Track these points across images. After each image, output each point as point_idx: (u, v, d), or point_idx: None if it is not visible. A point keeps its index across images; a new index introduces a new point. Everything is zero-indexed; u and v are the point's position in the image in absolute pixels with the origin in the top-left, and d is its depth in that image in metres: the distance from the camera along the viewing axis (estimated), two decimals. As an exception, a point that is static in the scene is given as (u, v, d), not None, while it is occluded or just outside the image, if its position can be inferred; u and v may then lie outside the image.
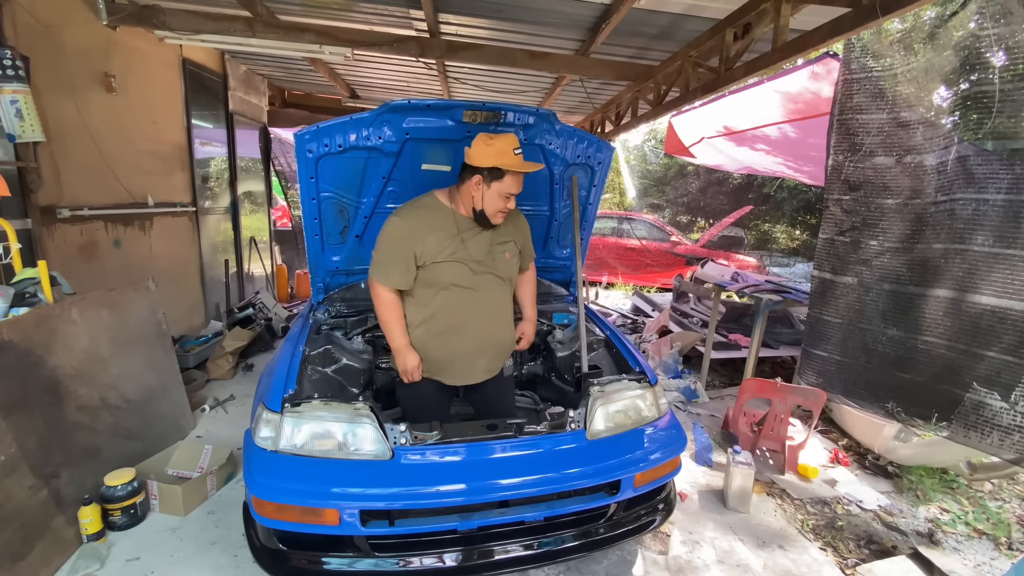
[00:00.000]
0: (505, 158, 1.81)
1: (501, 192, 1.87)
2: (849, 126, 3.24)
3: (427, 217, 1.92)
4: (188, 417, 3.09)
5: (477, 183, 1.87)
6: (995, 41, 2.53)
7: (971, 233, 2.78)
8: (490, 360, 2.09)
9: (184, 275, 4.29)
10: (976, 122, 2.71)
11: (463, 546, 1.80)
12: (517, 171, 1.86)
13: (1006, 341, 2.63)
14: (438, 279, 1.92)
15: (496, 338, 2.09)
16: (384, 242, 1.91)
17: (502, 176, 1.85)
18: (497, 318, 2.08)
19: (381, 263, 1.91)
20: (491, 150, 1.82)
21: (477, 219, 1.93)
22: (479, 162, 1.84)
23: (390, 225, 1.91)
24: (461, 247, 1.92)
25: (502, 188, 1.86)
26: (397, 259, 1.88)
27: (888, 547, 2.37)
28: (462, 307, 1.96)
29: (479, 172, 1.86)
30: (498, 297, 2.06)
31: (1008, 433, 2.53)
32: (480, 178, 1.86)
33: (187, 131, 4.20)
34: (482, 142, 1.84)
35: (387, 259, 1.89)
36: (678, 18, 3.18)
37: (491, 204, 1.89)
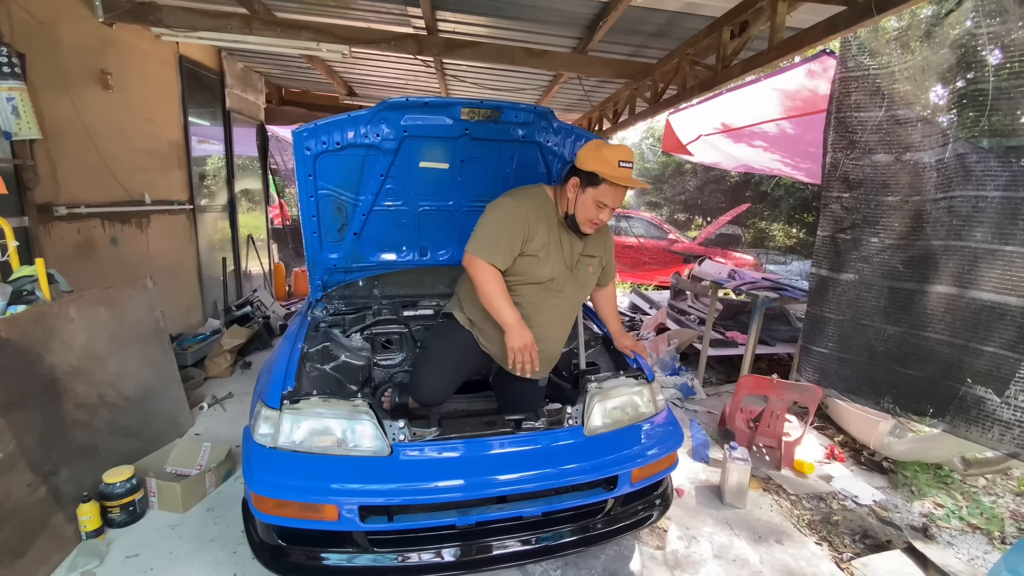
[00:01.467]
0: (607, 167, 1.76)
1: (596, 200, 1.82)
2: (847, 123, 3.25)
3: (539, 207, 1.90)
4: (186, 415, 3.09)
5: (574, 185, 1.84)
6: (990, 39, 2.54)
7: (969, 230, 2.79)
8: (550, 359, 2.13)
9: (181, 273, 4.29)
10: (972, 120, 2.72)
11: (461, 541, 1.81)
12: (616, 183, 1.78)
13: (1005, 336, 2.65)
14: (529, 271, 1.90)
15: (554, 345, 2.10)
16: (494, 219, 1.86)
17: (599, 184, 1.79)
18: (563, 326, 2.09)
19: (488, 239, 1.84)
20: (596, 155, 1.78)
21: (568, 223, 1.92)
22: (581, 164, 1.81)
23: (503, 205, 1.88)
24: (557, 247, 1.92)
25: (597, 196, 1.81)
26: (506, 238, 1.83)
27: (883, 541, 2.39)
28: (538, 304, 1.96)
29: (578, 174, 1.83)
30: (571, 306, 2.07)
31: (1008, 427, 2.55)
32: (578, 180, 1.83)
33: (184, 129, 4.19)
34: (592, 147, 1.82)
35: (495, 236, 1.84)
36: (676, 16, 3.18)
37: (583, 211, 1.85)
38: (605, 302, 2.30)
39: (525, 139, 2.41)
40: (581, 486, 1.87)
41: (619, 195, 1.83)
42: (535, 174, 2.57)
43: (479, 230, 1.87)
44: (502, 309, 1.84)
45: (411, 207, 2.62)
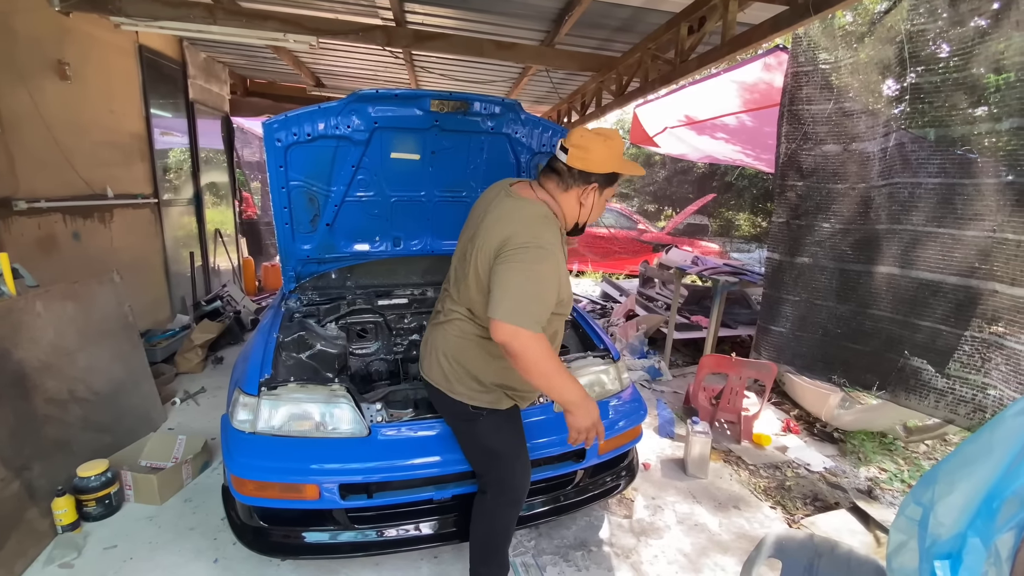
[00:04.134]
0: (624, 163, 1.56)
1: (610, 195, 1.63)
2: (799, 116, 3.43)
3: (560, 235, 1.57)
4: (159, 410, 3.07)
5: (591, 191, 1.54)
6: (924, 37, 2.74)
7: (908, 214, 3.01)
8: None
9: (147, 268, 4.20)
10: (909, 112, 2.93)
11: (438, 515, 1.89)
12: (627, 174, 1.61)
13: (939, 312, 2.88)
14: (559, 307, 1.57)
15: None
16: (535, 282, 1.41)
17: (615, 181, 1.59)
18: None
19: (533, 308, 1.38)
20: (611, 152, 1.51)
21: (571, 231, 1.65)
22: (600, 167, 1.51)
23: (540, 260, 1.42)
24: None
25: (610, 193, 1.61)
26: (550, 298, 1.45)
27: (831, 504, 2.59)
28: (558, 331, 1.72)
29: (595, 179, 1.53)
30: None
31: (942, 395, 2.78)
32: (597, 185, 1.54)
33: (146, 120, 4.09)
34: (599, 142, 1.49)
35: (541, 302, 1.41)
36: (638, 11, 3.29)
37: (597, 213, 1.62)
38: None
39: (494, 131, 2.48)
40: (552, 458, 1.97)
41: None
42: (505, 165, 2.65)
43: (518, 297, 1.37)
44: (566, 382, 1.44)
45: (383, 198, 2.67)
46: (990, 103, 2.62)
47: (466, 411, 1.64)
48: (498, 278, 1.41)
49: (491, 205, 1.58)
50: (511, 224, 1.48)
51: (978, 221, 2.66)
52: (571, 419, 1.48)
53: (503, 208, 1.54)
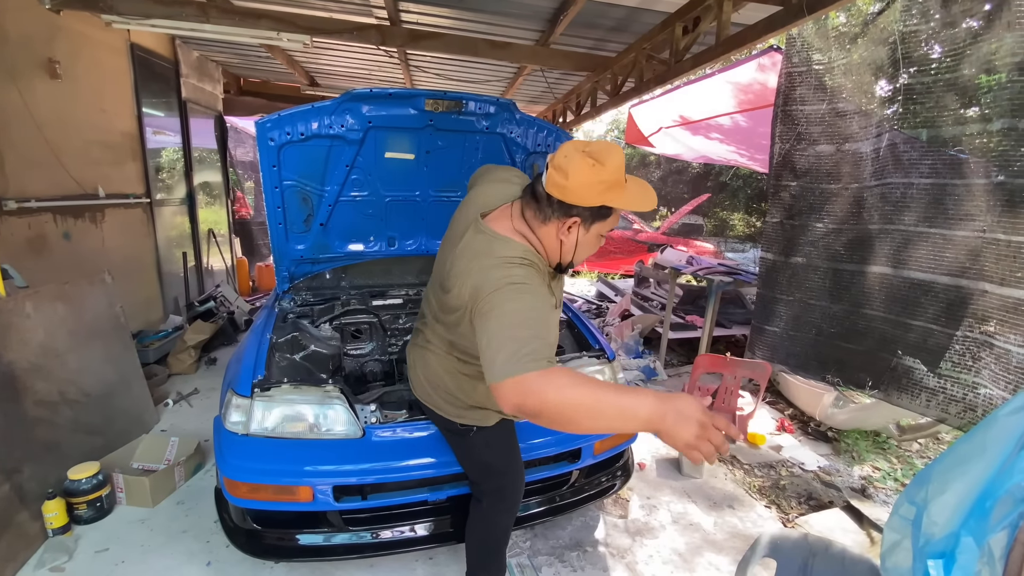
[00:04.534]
0: (620, 193, 1.22)
1: (602, 231, 1.30)
2: (793, 116, 3.44)
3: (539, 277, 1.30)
4: (151, 411, 3.04)
5: (572, 227, 1.26)
6: (916, 38, 2.75)
7: (900, 214, 3.02)
8: None
9: (140, 269, 4.17)
10: (902, 113, 2.94)
11: (433, 516, 1.89)
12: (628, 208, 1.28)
13: (931, 311, 2.90)
14: None
15: None
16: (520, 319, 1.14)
17: (608, 215, 1.26)
18: None
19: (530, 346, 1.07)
20: (598, 179, 1.18)
21: (556, 268, 1.40)
22: (582, 198, 1.21)
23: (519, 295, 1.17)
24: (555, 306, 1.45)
25: (606, 226, 1.29)
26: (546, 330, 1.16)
27: (825, 502, 2.60)
28: None
29: (577, 212, 1.23)
30: None
31: (934, 394, 2.80)
32: (579, 221, 1.25)
33: (138, 119, 4.06)
34: (585, 166, 1.17)
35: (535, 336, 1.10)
36: (633, 11, 3.29)
37: (586, 251, 1.33)
38: None
39: (489, 130, 2.48)
40: (548, 459, 1.97)
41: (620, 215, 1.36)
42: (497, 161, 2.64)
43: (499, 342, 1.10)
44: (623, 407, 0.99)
45: (377, 197, 2.66)
46: (981, 104, 2.64)
47: (455, 426, 1.60)
48: (480, 339, 1.14)
49: (460, 244, 1.35)
50: (477, 274, 1.23)
51: (968, 221, 2.67)
52: (668, 439, 0.97)
53: (471, 250, 1.30)
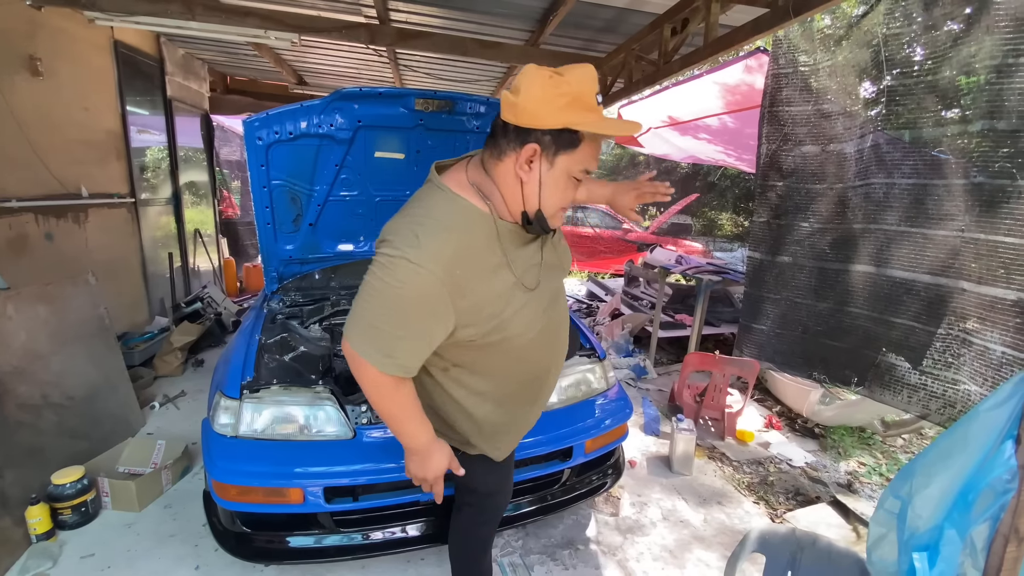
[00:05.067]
0: (586, 111, 1.00)
1: (574, 170, 1.06)
2: (779, 117, 3.49)
3: (468, 248, 1.05)
4: (137, 414, 3.00)
5: (531, 158, 1.02)
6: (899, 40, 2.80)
7: (883, 214, 3.08)
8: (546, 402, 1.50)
9: (124, 270, 4.10)
10: (884, 114, 3.00)
11: (425, 517, 1.89)
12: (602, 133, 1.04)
13: (913, 309, 2.96)
14: (501, 342, 1.14)
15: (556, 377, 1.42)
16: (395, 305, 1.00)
17: (577, 144, 1.02)
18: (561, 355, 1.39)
19: (379, 338, 1.02)
20: (559, 93, 0.97)
21: (529, 226, 1.11)
22: (539, 118, 0.98)
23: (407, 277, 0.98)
24: (520, 283, 1.13)
25: (577, 163, 1.05)
26: (416, 332, 1.04)
27: (812, 498, 2.64)
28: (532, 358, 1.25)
29: (535, 138, 1.01)
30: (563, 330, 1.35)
31: (915, 390, 2.86)
32: (538, 149, 1.01)
33: (122, 118, 3.99)
34: (540, 76, 0.97)
35: (397, 332, 1.02)
36: (621, 12, 3.31)
37: (557, 195, 1.08)
38: None
39: (479, 130, 2.48)
40: (539, 458, 1.98)
41: (599, 150, 1.10)
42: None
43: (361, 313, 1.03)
44: (404, 428, 1.14)
45: (367, 197, 2.65)
46: (961, 105, 2.70)
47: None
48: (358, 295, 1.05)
49: None
50: (393, 219, 1.10)
51: (948, 221, 2.73)
52: (407, 461, 1.22)
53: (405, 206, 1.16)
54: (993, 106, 2.41)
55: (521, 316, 1.13)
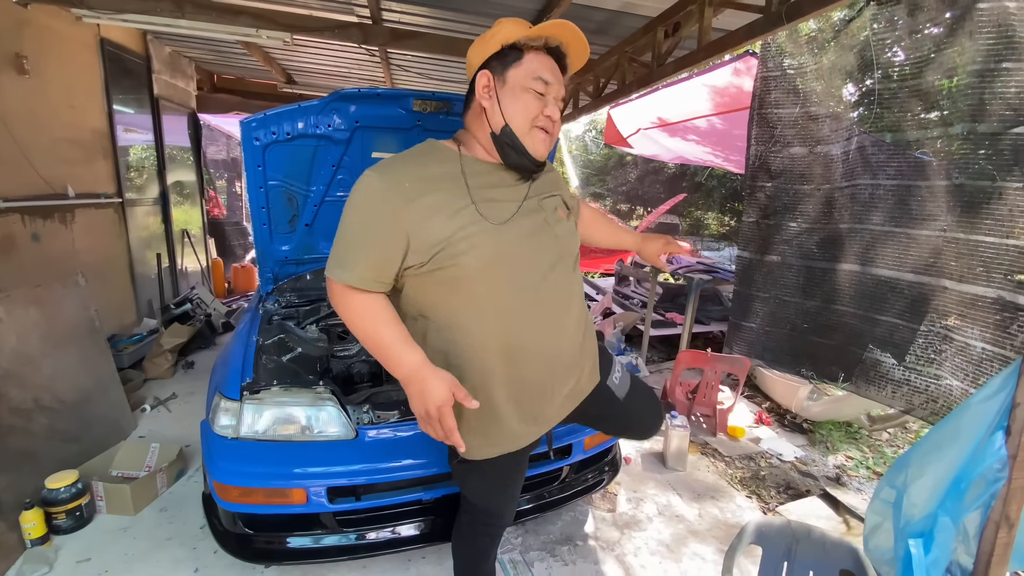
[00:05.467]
0: (514, 26, 1.13)
1: (527, 81, 1.11)
2: (768, 119, 3.56)
3: (422, 167, 1.12)
4: (128, 417, 2.96)
5: (486, 85, 1.13)
6: (885, 45, 2.88)
7: (868, 214, 3.16)
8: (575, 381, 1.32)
9: (112, 271, 4.04)
10: (870, 117, 3.08)
11: (427, 515, 1.90)
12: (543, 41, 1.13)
13: (897, 307, 3.04)
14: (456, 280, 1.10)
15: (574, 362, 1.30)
16: (347, 217, 1.09)
17: (520, 57, 1.12)
18: (571, 325, 1.26)
19: (340, 253, 1.09)
20: (491, 34, 1.15)
21: (505, 153, 1.14)
22: (475, 57, 1.15)
23: (357, 188, 1.09)
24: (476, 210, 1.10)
25: (528, 73, 1.11)
26: (364, 239, 1.08)
27: (803, 491, 2.71)
28: (516, 313, 1.15)
29: (485, 67, 1.14)
30: (566, 280, 1.23)
31: (899, 386, 2.94)
32: (488, 74, 1.13)
33: (108, 116, 3.93)
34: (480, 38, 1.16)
35: (345, 245, 1.09)
36: (615, 15, 3.35)
37: (522, 109, 1.11)
38: (595, 224, 1.59)
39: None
40: (538, 456, 2.00)
41: (555, 70, 1.15)
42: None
43: (335, 240, 1.12)
44: (388, 350, 1.08)
45: (364, 198, 2.65)
46: (943, 108, 2.78)
47: None
48: None
49: None
50: None
51: (931, 221, 2.81)
52: (410, 402, 1.09)
53: None
54: (973, 109, 2.49)
55: (475, 248, 1.08)
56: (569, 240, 1.26)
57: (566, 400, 1.32)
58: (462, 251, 1.07)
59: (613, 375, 1.47)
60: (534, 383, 1.23)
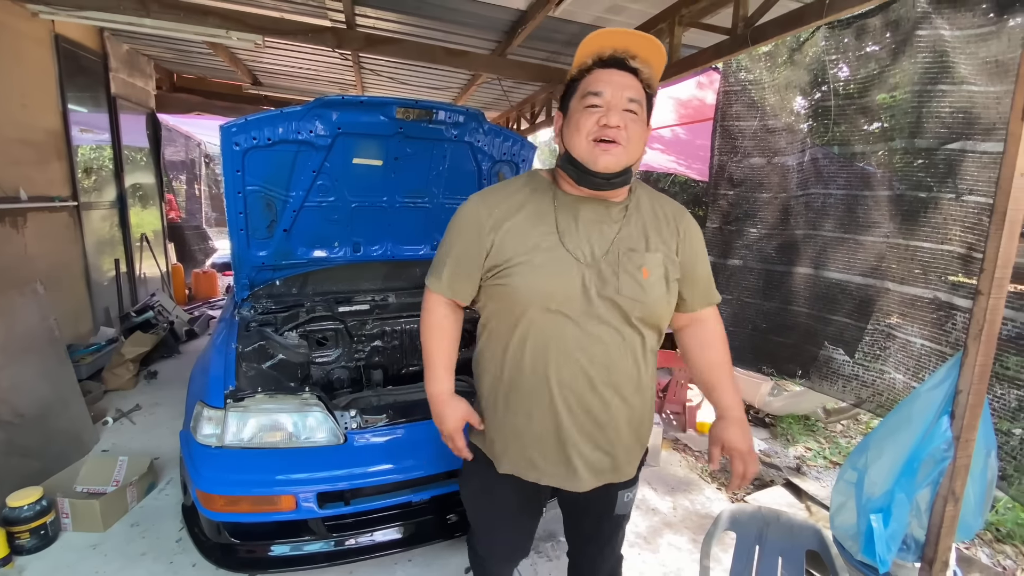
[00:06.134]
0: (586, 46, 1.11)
1: (579, 102, 1.09)
2: (730, 131, 3.76)
3: (517, 191, 1.19)
4: (90, 431, 2.84)
5: (557, 125, 1.19)
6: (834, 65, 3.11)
7: (821, 221, 3.39)
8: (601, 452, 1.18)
9: (67, 277, 3.84)
10: (821, 130, 3.31)
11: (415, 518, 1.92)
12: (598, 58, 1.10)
13: (847, 307, 3.28)
14: (517, 294, 1.11)
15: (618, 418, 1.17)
16: (446, 234, 1.23)
17: (576, 85, 1.12)
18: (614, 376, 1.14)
19: (434, 260, 1.25)
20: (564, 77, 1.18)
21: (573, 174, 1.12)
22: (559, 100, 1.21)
23: (459, 209, 1.22)
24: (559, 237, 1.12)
25: (579, 95, 1.10)
26: (452, 252, 1.19)
27: (767, 481, 2.88)
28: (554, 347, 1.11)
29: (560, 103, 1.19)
30: (616, 341, 1.12)
31: (849, 380, 3.17)
32: (559, 114, 1.18)
33: (63, 116, 3.75)
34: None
35: (441, 254, 1.22)
36: (586, 28, 3.47)
37: (573, 129, 1.10)
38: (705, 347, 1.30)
39: (457, 138, 2.54)
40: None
41: (612, 77, 1.08)
42: (467, 172, 2.72)
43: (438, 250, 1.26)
44: (427, 368, 1.25)
45: (344, 203, 2.65)
46: (886, 124, 3.03)
47: None
48: None
49: None
50: None
51: (876, 228, 3.04)
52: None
53: None
54: (912, 126, 2.72)
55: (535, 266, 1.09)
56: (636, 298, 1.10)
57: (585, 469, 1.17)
58: (522, 266, 1.10)
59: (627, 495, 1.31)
60: (535, 425, 1.16)
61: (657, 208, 1.21)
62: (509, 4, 3.23)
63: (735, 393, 1.28)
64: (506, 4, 3.23)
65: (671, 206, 1.25)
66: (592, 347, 1.10)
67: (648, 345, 1.17)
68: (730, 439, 1.23)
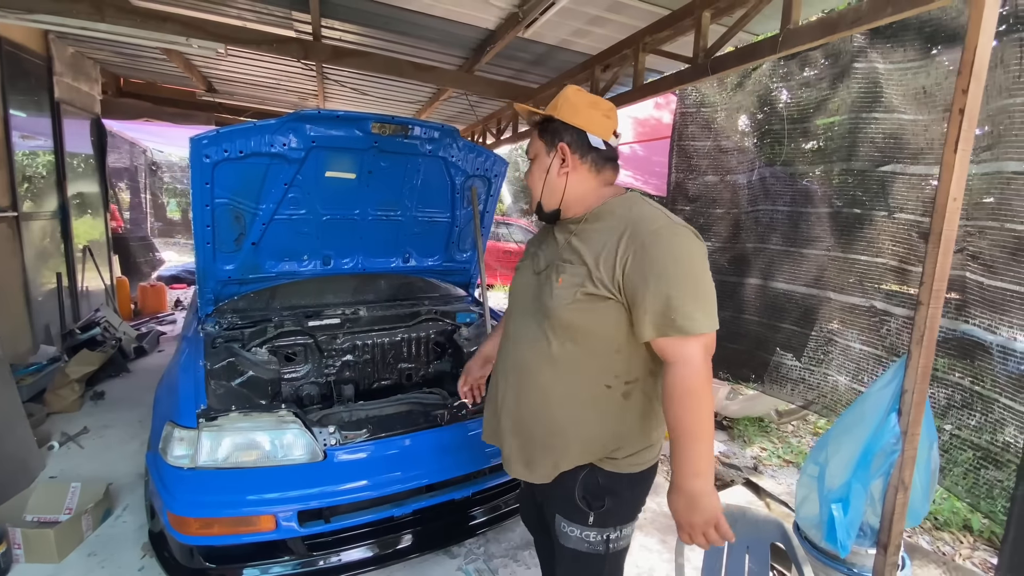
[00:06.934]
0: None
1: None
2: (686, 150, 3.99)
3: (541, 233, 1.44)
4: (36, 456, 2.66)
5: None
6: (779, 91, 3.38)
7: (769, 235, 3.64)
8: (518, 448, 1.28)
9: (4, 293, 3.57)
10: (768, 151, 3.57)
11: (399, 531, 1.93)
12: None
13: (793, 316, 3.52)
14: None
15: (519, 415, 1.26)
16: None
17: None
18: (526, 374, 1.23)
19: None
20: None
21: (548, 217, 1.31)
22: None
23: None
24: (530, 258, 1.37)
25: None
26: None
27: (728, 481, 3.04)
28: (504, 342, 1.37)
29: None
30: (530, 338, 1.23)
31: (797, 384, 3.40)
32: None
33: (4, 121, 3.51)
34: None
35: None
36: (552, 49, 3.61)
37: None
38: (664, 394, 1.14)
39: (432, 153, 2.59)
40: (497, 467, 2.10)
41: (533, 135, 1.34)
42: (440, 186, 2.76)
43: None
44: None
45: (315, 216, 2.63)
46: (825, 146, 3.30)
47: None
48: None
49: None
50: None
51: (818, 241, 3.29)
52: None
53: None
54: (849, 149, 2.98)
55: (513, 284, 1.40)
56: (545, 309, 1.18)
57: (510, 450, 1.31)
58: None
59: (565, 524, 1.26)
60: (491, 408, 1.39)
61: (617, 224, 1.15)
62: (478, 24, 3.32)
63: (688, 460, 1.09)
64: (475, 23, 3.32)
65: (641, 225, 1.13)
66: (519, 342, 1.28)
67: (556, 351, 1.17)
68: (672, 509, 1.15)
